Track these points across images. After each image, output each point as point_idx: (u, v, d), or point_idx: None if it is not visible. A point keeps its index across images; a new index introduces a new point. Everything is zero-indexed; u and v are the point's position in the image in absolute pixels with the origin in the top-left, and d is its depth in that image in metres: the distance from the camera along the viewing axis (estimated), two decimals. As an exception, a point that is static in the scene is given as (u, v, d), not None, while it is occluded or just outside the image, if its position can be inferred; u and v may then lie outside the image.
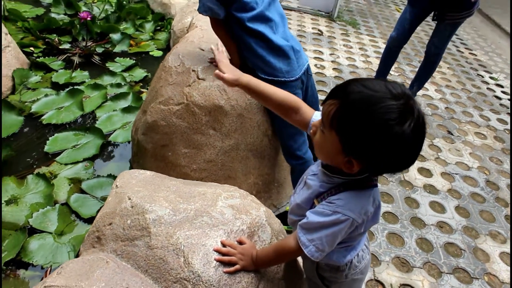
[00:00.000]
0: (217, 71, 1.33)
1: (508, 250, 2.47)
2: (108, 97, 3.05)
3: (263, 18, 1.89)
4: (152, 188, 1.53)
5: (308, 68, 2.07)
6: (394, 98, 0.92)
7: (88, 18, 3.55)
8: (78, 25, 3.75)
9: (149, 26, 4.32)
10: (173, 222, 1.35)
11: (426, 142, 3.36)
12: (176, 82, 2.02)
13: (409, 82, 3.99)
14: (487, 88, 4.69)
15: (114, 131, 2.74)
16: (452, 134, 3.58)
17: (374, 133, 0.92)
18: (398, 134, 0.91)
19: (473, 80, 4.81)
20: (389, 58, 3.75)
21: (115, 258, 1.33)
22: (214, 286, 1.20)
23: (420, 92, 4.15)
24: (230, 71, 1.34)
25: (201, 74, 2.00)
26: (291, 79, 1.96)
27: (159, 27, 4.37)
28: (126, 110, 2.92)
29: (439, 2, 3.24)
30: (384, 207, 2.56)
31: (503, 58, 5.80)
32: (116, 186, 1.59)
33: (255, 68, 1.96)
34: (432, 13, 3.34)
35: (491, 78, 5.00)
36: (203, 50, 2.21)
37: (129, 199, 1.45)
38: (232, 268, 1.23)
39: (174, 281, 1.22)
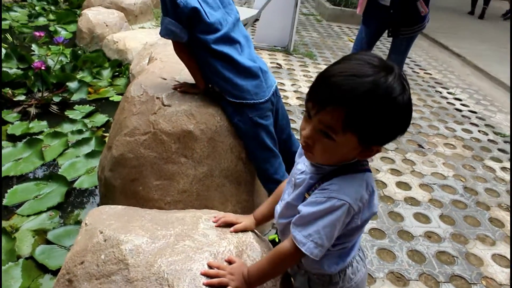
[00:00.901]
0: (233, 227, 1.33)
1: (500, 252, 2.42)
2: (70, 144, 2.89)
3: (228, 40, 1.83)
4: (126, 219, 1.39)
5: (276, 90, 2.01)
6: (386, 73, 0.91)
7: (43, 68, 3.42)
8: (32, 76, 3.61)
9: (106, 72, 4.23)
10: (152, 250, 1.21)
11: (400, 157, 3.34)
12: (140, 111, 1.92)
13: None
14: (447, 102, 4.80)
15: (79, 177, 2.58)
16: (422, 147, 3.59)
17: (390, 114, 0.93)
18: (405, 103, 0.94)
19: (432, 97, 4.92)
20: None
21: (90, 300, 1.17)
22: (206, 314, 1.07)
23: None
24: (243, 218, 1.36)
25: (166, 100, 1.91)
26: (260, 101, 1.88)
27: (117, 73, 4.28)
28: (90, 155, 2.78)
29: (391, 20, 3.33)
30: (370, 224, 2.48)
31: (456, 75, 6.01)
32: (86, 224, 1.44)
33: (223, 92, 1.89)
34: (387, 30, 3.43)
35: (448, 93, 5.14)
36: (165, 79, 2.13)
37: (101, 233, 1.31)
38: (223, 291, 1.10)
39: (160, 315, 1.08)
